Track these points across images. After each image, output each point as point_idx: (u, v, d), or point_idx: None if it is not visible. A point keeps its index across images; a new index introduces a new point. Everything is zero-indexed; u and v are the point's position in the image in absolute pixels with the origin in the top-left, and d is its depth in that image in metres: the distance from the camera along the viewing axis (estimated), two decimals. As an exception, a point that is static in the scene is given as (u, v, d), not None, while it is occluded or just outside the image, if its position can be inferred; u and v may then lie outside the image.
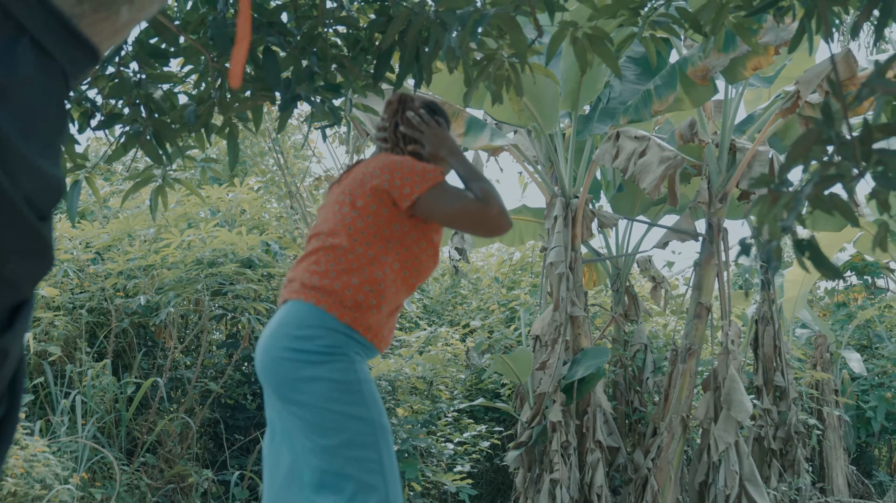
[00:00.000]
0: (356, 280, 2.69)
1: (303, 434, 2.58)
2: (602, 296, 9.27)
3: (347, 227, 2.76)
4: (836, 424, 9.02)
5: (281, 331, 2.66)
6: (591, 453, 6.60)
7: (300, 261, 2.82)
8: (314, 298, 2.65)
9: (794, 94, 6.32)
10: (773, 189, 2.80)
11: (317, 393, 2.57)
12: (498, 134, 6.76)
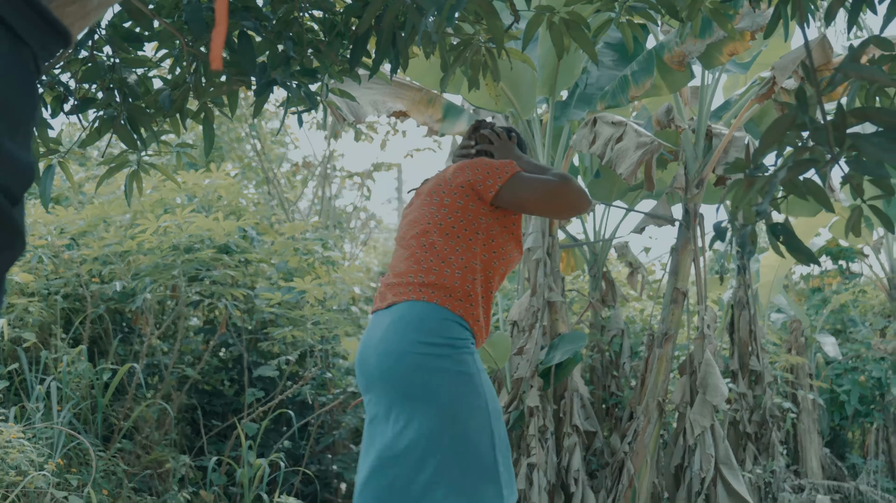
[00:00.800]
0: (458, 273, 2.89)
1: (421, 426, 2.69)
2: (579, 281, 9.30)
3: (439, 224, 2.97)
4: (810, 408, 9.09)
5: (402, 330, 2.79)
6: (569, 437, 6.63)
7: (395, 264, 3.03)
8: (426, 295, 2.83)
9: (769, 80, 6.34)
10: (748, 174, 2.81)
11: (442, 385, 2.72)
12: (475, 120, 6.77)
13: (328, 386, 6.70)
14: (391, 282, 2.96)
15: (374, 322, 2.97)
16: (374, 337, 2.88)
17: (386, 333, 2.83)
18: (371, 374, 2.85)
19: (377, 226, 14.89)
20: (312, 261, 6.79)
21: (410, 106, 6.60)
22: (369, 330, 2.97)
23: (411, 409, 2.72)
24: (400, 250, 3.05)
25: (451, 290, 2.85)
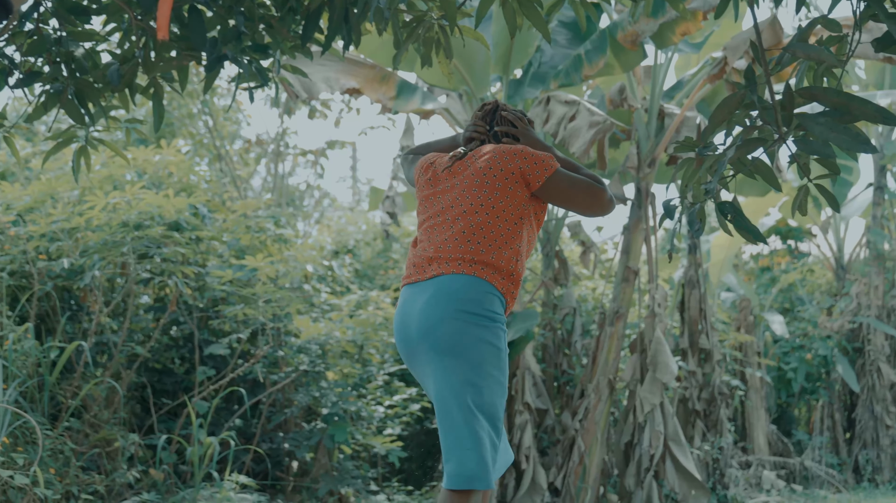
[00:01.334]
0: (506, 252, 3.08)
1: (455, 387, 2.91)
2: (532, 260, 9.33)
3: (491, 206, 3.11)
4: (758, 385, 9.22)
5: (444, 298, 2.98)
6: (520, 415, 6.67)
7: (434, 239, 3.15)
8: (476, 271, 3.03)
9: (721, 61, 6.39)
10: (698, 153, 2.83)
11: (480, 354, 2.94)
12: (429, 97, 6.75)
13: (280, 364, 6.67)
14: (433, 257, 3.10)
15: (412, 291, 3.12)
16: (416, 305, 3.05)
17: (428, 302, 3.01)
18: (412, 339, 3.04)
19: (331, 203, 14.83)
20: (264, 239, 6.75)
21: (364, 83, 6.57)
22: (407, 299, 3.12)
23: (443, 367, 2.93)
24: (440, 227, 3.16)
25: (497, 268, 3.06)
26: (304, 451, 6.38)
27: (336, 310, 7.39)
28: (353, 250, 10.75)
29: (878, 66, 10.01)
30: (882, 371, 9.47)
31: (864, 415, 9.51)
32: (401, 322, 3.11)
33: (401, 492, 7.11)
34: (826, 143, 2.41)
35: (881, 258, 9.90)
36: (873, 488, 8.78)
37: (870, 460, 9.32)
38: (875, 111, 2.32)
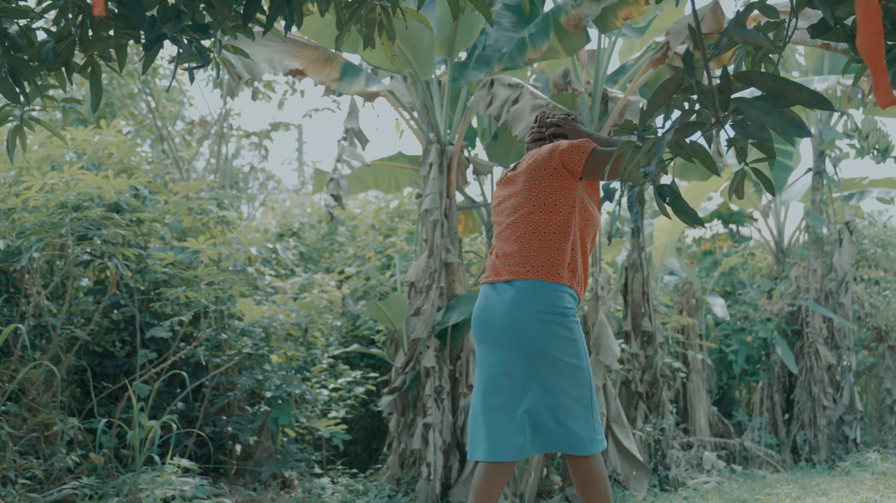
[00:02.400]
0: (565, 246, 3.51)
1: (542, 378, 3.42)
2: (477, 243, 9.36)
3: (542, 204, 3.53)
4: (699, 367, 9.34)
5: (524, 303, 3.45)
6: (465, 397, 6.70)
7: (503, 243, 3.61)
8: (543, 275, 3.48)
9: (664, 45, 6.43)
10: (637, 136, 2.85)
11: (560, 349, 3.43)
12: (373, 79, 6.72)
13: (223, 347, 6.63)
14: (504, 260, 3.58)
15: (491, 291, 3.60)
16: (499, 304, 3.51)
17: (511, 306, 3.48)
18: (496, 330, 3.51)
19: (276, 186, 14.73)
20: (207, 221, 6.69)
21: (307, 64, 6.52)
22: (489, 296, 3.58)
23: (534, 369, 3.43)
24: (506, 230, 3.62)
25: (561, 264, 3.50)
26: (247, 435, 6.36)
27: (280, 293, 7.35)
28: (297, 233, 10.70)
29: (817, 52, 10.15)
30: (820, 353, 9.64)
31: (803, 397, 9.68)
32: (483, 314, 3.57)
33: (345, 475, 7.11)
34: (762, 127, 2.44)
35: (819, 242, 10.07)
36: (810, 468, 8.95)
37: (807, 440, 9.50)
38: (809, 96, 2.35)
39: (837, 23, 2.58)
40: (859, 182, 11.22)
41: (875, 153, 9.57)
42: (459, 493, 6.46)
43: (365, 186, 8.63)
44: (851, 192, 11.04)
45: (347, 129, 7.60)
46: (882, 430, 9.95)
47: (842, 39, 2.65)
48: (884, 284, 11.18)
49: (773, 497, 6.42)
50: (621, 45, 8.93)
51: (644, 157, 2.71)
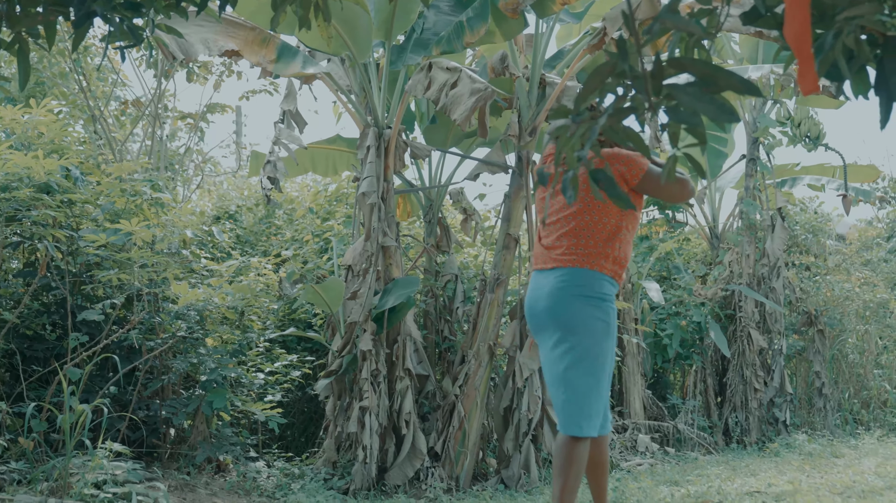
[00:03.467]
0: (611, 243, 4.01)
1: (571, 356, 3.94)
2: (415, 227, 9.35)
3: (597, 206, 4.00)
4: (634, 351, 9.44)
5: (567, 286, 3.98)
6: (401, 381, 6.70)
7: (554, 234, 4.11)
8: (588, 263, 3.99)
9: (601, 31, 6.47)
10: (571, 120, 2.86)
11: (594, 330, 3.94)
12: (311, 62, 6.67)
13: (157, 330, 6.55)
14: (553, 251, 4.09)
15: (538, 278, 4.15)
16: (543, 290, 4.05)
17: (554, 288, 4.00)
18: (541, 317, 4.05)
19: (213, 169, 14.57)
20: (140, 203, 6.59)
21: (243, 45, 6.44)
22: (535, 284, 4.14)
23: (569, 342, 3.94)
24: (556, 224, 4.12)
25: (605, 257, 4.00)
26: (181, 418, 6.30)
27: (216, 276, 7.28)
28: (234, 216, 10.60)
29: (752, 41, 10.28)
30: (752, 337, 9.80)
31: (735, 380, 9.83)
32: (532, 301, 4.12)
33: (281, 459, 7.09)
34: (694, 112, 2.46)
35: (753, 228, 10.22)
36: (741, 449, 9.11)
37: (739, 423, 9.66)
38: (739, 82, 2.37)
39: (768, 10, 2.61)
40: (791, 169, 11.40)
41: (807, 141, 9.73)
42: (395, 476, 6.47)
43: (302, 169, 8.58)
44: (784, 179, 11.21)
45: (285, 111, 7.54)
46: (811, 413, 10.15)
47: (772, 27, 2.68)
48: (814, 270, 11.38)
49: (704, 478, 6.53)
50: (559, 30, 8.97)
51: (578, 141, 2.73)
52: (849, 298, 10.89)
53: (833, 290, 10.81)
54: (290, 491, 6.19)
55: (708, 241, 11.07)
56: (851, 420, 10.25)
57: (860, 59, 2.50)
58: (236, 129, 19.85)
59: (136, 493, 4.78)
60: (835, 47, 2.49)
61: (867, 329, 11.01)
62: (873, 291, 11.26)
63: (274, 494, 6.14)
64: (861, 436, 9.15)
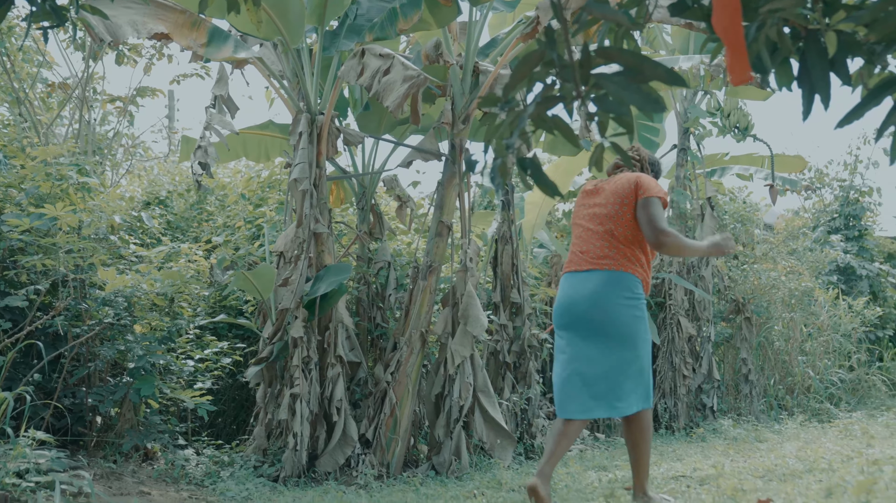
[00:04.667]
0: (635, 247, 4.65)
1: (609, 351, 4.54)
2: (349, 214, 9.32)
3: (621, 219, 4.65)
4: (566, 339, 9.51)
5: (607, 288, 4.56)
6: (332, 368, 6.69)
7: (587, 241, 4.73)
8: (623, 267, 4.60)
9: (534, 20, 6.50)
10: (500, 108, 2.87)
11: (632, 327, 4.55)
12: (243, 46, 6.60)
13: (83, 317, 6.44)
14: (588, 255, 4.68)
15: (574, 279, 4.70)
16: (583, 291, 4.60)
17: (595, 290, 4.57)
18: (579, 315, 4.60)
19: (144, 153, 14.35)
20: (66, 188, 6.47)
21: (173, 28, 6.35)
22: (573, 284, 4.68)
23: (616, 339, 4.52)
24: (591, 231, 4.73)
25: (631, 261, 4.62)
26: (108, 406, 6.21)
27: (145, 263, 7.19)
28: (165, 201, 10.46)
29: (683, 32, 10.40)
30: (681, 324, 9.94)
31: (664, 366, 9.97)
32: (567, 301, 4.66)
33: (210, 446, 7.03)
34: (621, 101, 2.48)
35: (683, 217, 10.36)
36: (670, 435, 9.24)
37: (668, 409, 9.79)
38: (665, 73, 2.40)
39: (695, 2, 2.64)
40: (721, 159, 11.58)
41: (736, 131, 9.88)
42: (326, 463, 6.46)
43: (234, 155, 8.49)
44: (713, 169, 11.38)
45: (216, 96, 7.45)
46: (737, 399, 10.32)
47: (699, 18, 2.71)
48: (742, 259, 11.58)
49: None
50: (492, 18, 8.98)
51: (507, 129, 2.74)
52: (775, 287, 11.10)
53: (760, 279, 11.01)
54: (219, 478, 6.14)
55: (639, 229, 11.18)
56: (776, 405, 10.46)
57: (783, 52, 2.55)
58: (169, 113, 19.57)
59: (60, 482, 4.70)
60: (758, 39, 2.53)
61: (792, 317, 11.23)
62: (799, 280, 11.50)
63: (203, 482, 6.09)
64: (784, 422, 9.34)
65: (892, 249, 16.12)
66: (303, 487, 6.15)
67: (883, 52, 2.51)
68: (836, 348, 11.86)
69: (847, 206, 15.78)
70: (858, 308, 12.87)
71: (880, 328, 13.86)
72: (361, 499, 5.66)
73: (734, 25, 2.15)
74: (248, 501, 5.63)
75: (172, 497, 5.56)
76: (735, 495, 4.52)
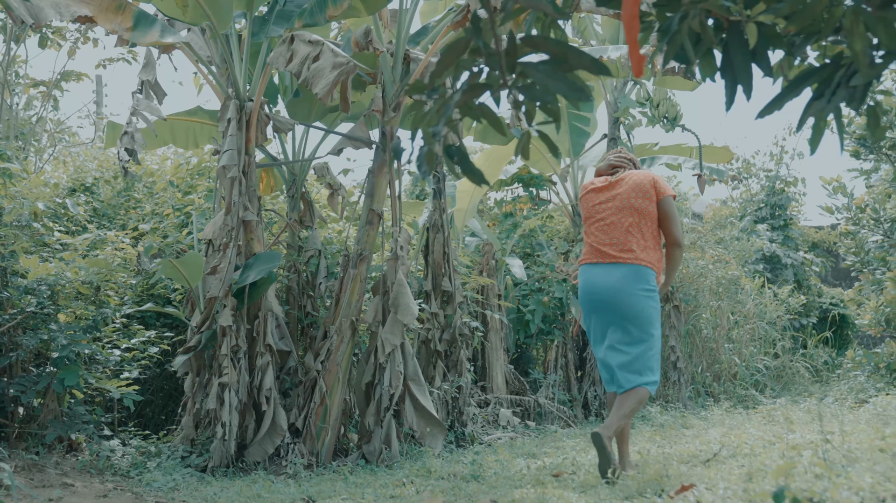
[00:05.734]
0: (650, 241, 5.28)
1: (631, 338, 5.23)
2: (279, 201, 9.24)
3: (644, 213, 5.27)
4: (497, 327, 9.56)
5: (631, 281, 5.20)
6: (262, 357, 6.64)
7: (606, 232, 5.30)
8: (644, 262, 5.21)
9: (464, 8, 6.49)
10: (426, 96, 2.87)
11: (650, 315, 5.24)
12: (170, 31, 6.50)
13: (5, 306, 6.31)
14: (612, 247, 5.27)
15: (598, 269, 5.31)
16: (608, 280, 5.23)
17: (620, 281, 5.20)
18: (604, 302, 5.26)
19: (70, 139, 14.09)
20: (-14, 173, 6.33)
21: (98, 12, 6.23)
22: (597, 275, 5.30)
23: (635, 326, 5.21)
24: (611, 225, 5.29)
25: (651, 256, 5.25)
26: (30, 396, 6.10)
27: (70, 250, 7.05)
28: (91, 188, 10.27)
29: (614, 22, 10.49)
30: (611, 312, 10.04)
31: (594, 355, 10.07)
32: (593, 288, 5.29)
33: (137, 437, 6.94)
34: (547, 90, 2.50)
35: (613, 206, 10.45)
36: (600, 422, 9.34)
37: (597, 396, 9.90)
38: (590, 62, 2.42)
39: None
40: (650, 149, 11.71)
41: (665, 122, 10.00)
42: (255, 453, 6.42)
43: (162, 142, 8.37)
44: (643, 158, 11.50)
45: (143, 81, 7.33)
46: (666, 386, 10.46)
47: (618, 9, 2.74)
48: (671, 247, 11.73)
49: (560, 450, 6.67)
50: (423, 5, 8.98)
51: (434, 117, 2.74)
52: (703, 275, 11.27)
53: (688, 267, 11.17)
54: (145, 469, 6.06)
55: (570, 218, 11.28)
56: (703, 392, 10.62)
57: (706, 43, 2.58)
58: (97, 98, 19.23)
59: (-20, 475, 4.61)
60: (681, 30, 2.56)
61: (720, 305, 11.41)
62: (726, 268, 11.69)
63: (128, 473, 6.01)
64: (711, 408, 9.50)
65: (816, 239, 16.48)
66: (231, 477, 6.10)
67: (802, 43, 2.56)
68: (762, 336, 12.08)
69: (773, 196, 16.08)
70: (783, 296, 13.13)
71: (804, 316, 14.17)
72: (290, 488, 5.63)
73: (634, 17, 2.18)
74: (174, 492, 5.57)
75: (97, 489, 5.47)
76: (659, 480, 4.58)
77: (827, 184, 8.88)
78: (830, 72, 2.41)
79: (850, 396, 9.40)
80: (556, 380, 9.89)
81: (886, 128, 10.25)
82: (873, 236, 8.68)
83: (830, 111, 2.40)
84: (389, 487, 5.48)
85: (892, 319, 8.59)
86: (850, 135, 9.14)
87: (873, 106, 2.51)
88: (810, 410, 7.93)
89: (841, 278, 17.85)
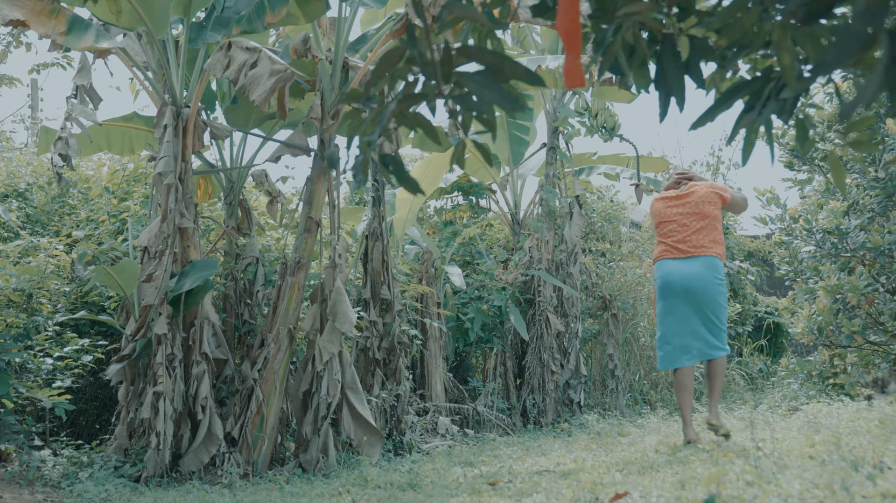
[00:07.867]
0: (719, 238, 6.49)
1: (710, 321, 6.41)
2: (217, 209, 9.17)
3: (712, 216, 6.49)
4: (436, 335, 9.57)
5: (708, 271, 6.37)
6: (197, 365, 6.58)
7: (688, 233, 6.47)
8: (718, 255, 6.43)
9: (403, 17, 6.51)
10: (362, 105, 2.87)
11: (722, 302, 6.43)
12: (105, 35, 6.42)
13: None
14: (685, 244, 6.46)
15: (679, 263, 6.47)
16: (689, 271, 6.41)
17: (698, 271, 6.38)
18: (683, 288, 6.40)
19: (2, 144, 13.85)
20: (-85, 179, 6.20)
21: (30, 15, 6.13)
22: (678, 267, 6.46)
23: (711, 312, 6.39)
24: (686, 226, 6.49)
25: (719, 250, 6.44)
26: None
27: (1, 257, 6.93)
28: (24, 194, 10.11)
29: (553, 32, 10.57)
30: (550, 320, 10.11)
31: (533, 362, 10.13)
32: (673, 276, 6.45)
33: (69, 447, 6.83)
34: (482, 100, 2.51)
35: (552, 215, 10.53)
36: (538, 429, 9.40)
37: (536, 404, 9.95)
38: (524, 72, 2.43)
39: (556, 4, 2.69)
40: (589, 158, 11.81)
41: (603, 131, 10.10)
42: (190, 462, 6.36)
43: (97, 147, 8.26)
44: (582, 168, 11.60)
45: (78, 86, 7.23)
46: (604, 394, 10.56)
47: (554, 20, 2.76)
48: (609, 256, 11.85)
49: (498, 458, 6.69)
50: (363, 14, 8.98)
51: (369, 125, 2.74)
52: (640, 284, 11.39)
53: (626, 276, 11.28)
54: (77, 480, 5.97)
55: (510, 226, 11.34)
56: (641, 400, 10.73)
57: (640, 55, 2.61)
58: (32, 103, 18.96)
59: None
60: (615, 42, 2.59)
61: (657, 313, 11.52)
62: (663, 277, 11.80)
63: (59, 484, 5.91)
64: (647, 416, 9.59)
65: (752, 248, 16.72)
66: (165, 487, 6.02)
67: (733, 56, 2.60)
68: (698, 343, 12.20)
69: (709, 205, 16.25)
70: (719, 304, 13.27)
71: (740, 324, 14.37)
72: (225, 498, 5.57)
73: (574, 30, 2.20)
74: (106, 502, 5.48)
75: (26, 500, 5.37)
76: (594, 488, 4.61)
77: (761, 195, 9.03)
78: (761, 84, 2.46)
79: (783, 404, 9.55)
80: (495, 388, 9.93)
81: (815, 140, 10.45)
82: (806, 246, 8.86)
83: (761, 123, 2.43)
84: (326, 497, 5.45)
85: (824, 328, 8.77)
86: (784, 146, 9.32)
87: (802, 119, 2.56)
88: (744, 418, 8.04)
89: (776, 287, 18.13)
